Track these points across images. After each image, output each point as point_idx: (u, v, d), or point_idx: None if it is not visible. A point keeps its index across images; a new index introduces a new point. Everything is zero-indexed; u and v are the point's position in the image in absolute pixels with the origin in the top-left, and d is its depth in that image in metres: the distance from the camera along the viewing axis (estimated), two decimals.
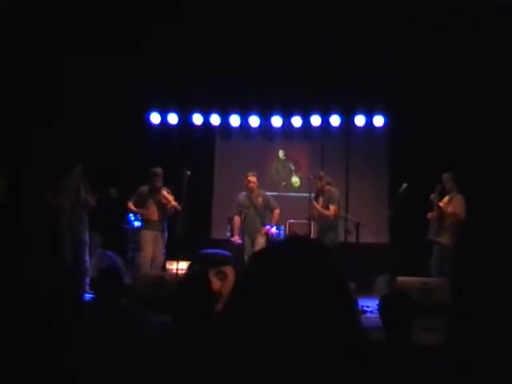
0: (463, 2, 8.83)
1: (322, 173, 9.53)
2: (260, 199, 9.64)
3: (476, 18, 8.82)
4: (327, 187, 9.41)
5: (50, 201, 8.83)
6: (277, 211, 9.74)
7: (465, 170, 9.18)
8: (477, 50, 9.21)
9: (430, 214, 8.95)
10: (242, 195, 9.68)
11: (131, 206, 9.27)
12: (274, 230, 10.05)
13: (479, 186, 9.06)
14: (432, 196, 8.83)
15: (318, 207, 9.21)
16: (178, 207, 9.09)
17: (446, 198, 8.91)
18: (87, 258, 9.07)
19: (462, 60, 9.55)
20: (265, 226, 9.66)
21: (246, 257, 9.18)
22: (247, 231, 9.53)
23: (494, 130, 9.57)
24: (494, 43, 9.01)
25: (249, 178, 9.56)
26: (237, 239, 9.48)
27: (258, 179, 9.68)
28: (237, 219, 9.62)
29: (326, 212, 9.20)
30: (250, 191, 9.60)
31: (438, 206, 8.78)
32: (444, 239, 8.59)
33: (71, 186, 8.93)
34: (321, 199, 9.32)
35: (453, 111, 10.25)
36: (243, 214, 9.50)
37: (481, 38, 9.01)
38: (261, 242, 9.44)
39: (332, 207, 9.23)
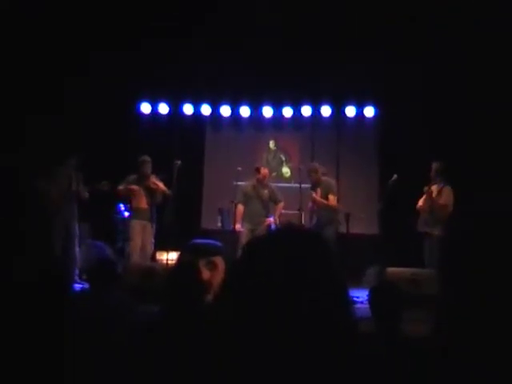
0: None
1: (317, 165, 9.53)
2: (266, 191, 9.62)
3: (465, 10, 8.83)
4: (323, 178, 9.42)
5: (41, 188, 8.80)
6: (281, 204, 9.73)
7: (455, 161, 9.20)
8: (467, 40, 9.23)
9: (419, 205, 8.95)
10: (248, 185, 9.65)
11: (121, 187, 9.18)
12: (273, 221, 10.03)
13: (469, 177, 9.09)
14: (426, 188, 8.82)
15: (319, 198, 9.19)
16: (168, 192, 9.08)
17: (435, 189, 8.91)
18: (77, 249, 9.05)
19: (452, 51, 9.56)
20: (268, 217, 9.65)
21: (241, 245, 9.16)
22: (249, 220, 9.51)
23: (485, 120, 9.60)
24: (482, 34, 9.02)
25: (262, 170, 9.58)
26: (239, 227, 9.46)
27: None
28: (240, 208, 9.58)
29: (328, 202, 9.19)
30: (260, 182, 9.57)
31: (431, 198, 8.77)
32: (437, 231, 8.60)
33: (64, 176, 8.90)
34: (319, 191, 9.31)
35: (443, 102, 10.27)
36: (240, 202, 9.49)
37: (470, 28, 9.02)
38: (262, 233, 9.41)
39: (331, 197, 9.23)
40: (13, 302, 2.25)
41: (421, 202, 8.95)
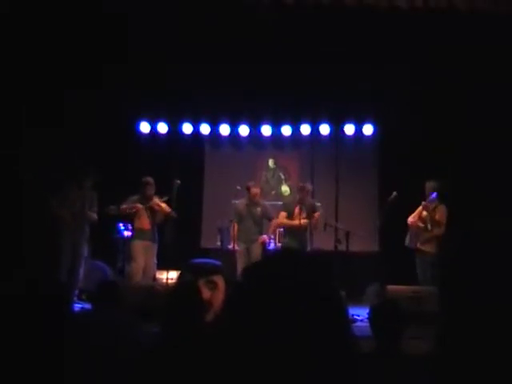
0: (449, 11, 8.87)
1: (308, 186, 9.55)
2: (259, 209, 9.62)
3: (463, 27, 8.88)
4: (308, 198, 9.42)
5: (54, 209, 8.82)
6: (274, 221, 9.73)
7: (453, 179, 9.21)
8: (467, 58, 9.27)
9: (411, 220, 8.93)
10: (241, 203, 9.67)
11: (124, 206, 9.19)
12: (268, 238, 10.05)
13: (468, 196, 9.11)
14: (426, 204, 8.82)
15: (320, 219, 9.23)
16: (173, 213, 9.08)
17: (430, 206, 8.95)
18: (81, 270, 9.04)
19: (452, 68, 9.60)
20: (261, 235, 9.65)
21: (239, 265, 9.16)
22: (243, 239, 9.51)
23: (484, 138, 9.63)
24: (482, 52, 9.07)
25: (252, 189, 9.56)
26: (235, 247, 9.47)
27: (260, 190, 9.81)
28: (235, 227, 9.60)
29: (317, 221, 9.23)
30: (251, 201, 9.58)
31: (429, 214, 8.79)
32: (430, 247, 8.62)
33: (77, 196, 8.91)
34: (304, 210, 9.32)
35: (442, 120, 10.30)
36: (235, 221, 9.51)
37: (469, 45, 9.07)
38: (257, 251, 9.43)
39: (316, 215, 9.24)
40: (13, 319, 2.25)
41: (414, 218, 8.95)
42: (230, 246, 9.75)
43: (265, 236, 9.72)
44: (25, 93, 9.45)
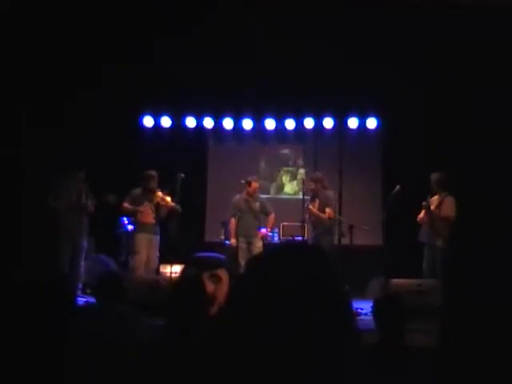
0: (452, 6, 8.85)
1: (319, 175, 9.56)
2: (257, 204, 9.65)
3: (465, 23, 8.86)
4: (323, 190, 9.43)
5: (51, 204, 8.84)
6: (272, 216, 9.78)
7: (457, 172, 9.19)
8: (467, 52, 9.25)
9: (420, 217, 8.95)
10: (239, 198, 9.69)
11: (127, 205, 9.22)
12: (268, 232, 10.10)
13: (472, 189, 9.10)
14: (424, 203, 8.81)
15: (314, 210, 9.27)
16: (177, 207, 9.08)
17: (436, 200, 8.92)
18: (82, 263, 9.06)
19: (455, 62, 9.58)
20: (260, 229, 9.69)
21: (240, 259, 9.20)
22: (243, 234, 9.54)
23: (487, 132, 9.62)
24: (482, 47, 9.06)
25: (253, 183, 9.61)
26: (234, 242, 9.50)
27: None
28: (233, 222, 9.62)
29: (321, 215, 9.23)
30: (250, 196, 9.61)
31: (430, 211, 8.77)
32: (439, 242, 8.60)
33: (73, 190, 8.94)
34: (317, 201, 9.35)
35: (445, 113, 10.28)
36: (237, 216, 9.54)
37: (470, 41, 9.05)
38: (259, 245, 9.48)
39: (328, 210, 9.26)
40: (17, 314, 2.26)
41: (421, 214, 8.96)
42: (229, 242, 9.79)
43: (264, 230, 9.77)
44: (25, 92, 9.46)
